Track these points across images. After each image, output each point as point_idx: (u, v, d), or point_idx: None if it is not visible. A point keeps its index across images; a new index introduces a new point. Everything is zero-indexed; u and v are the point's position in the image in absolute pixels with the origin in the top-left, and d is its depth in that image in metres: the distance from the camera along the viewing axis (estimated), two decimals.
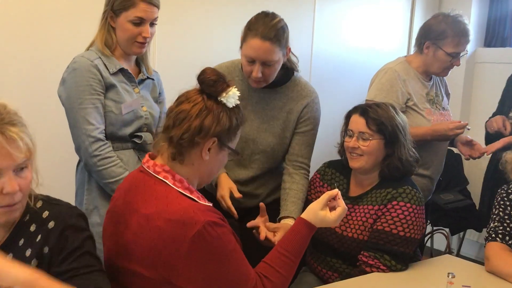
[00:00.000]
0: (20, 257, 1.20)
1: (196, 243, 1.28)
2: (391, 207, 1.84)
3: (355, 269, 1.85)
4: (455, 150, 2.74)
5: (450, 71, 2.44)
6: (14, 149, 1.10)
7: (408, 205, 1.83)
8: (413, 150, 1.94)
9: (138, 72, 2.01)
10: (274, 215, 1.96)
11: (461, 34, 2.32)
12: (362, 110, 1.91)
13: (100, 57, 1.87)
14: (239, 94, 1.43)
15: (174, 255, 1.28)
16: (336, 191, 1.51)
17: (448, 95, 2.61)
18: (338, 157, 2.09)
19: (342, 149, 2.01)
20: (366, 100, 2.38)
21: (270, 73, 1.92)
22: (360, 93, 2.56)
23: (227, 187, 1.91)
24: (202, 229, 1.28)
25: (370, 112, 1.89)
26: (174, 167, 1.41)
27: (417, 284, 1.76)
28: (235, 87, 1.42)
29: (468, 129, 2.36)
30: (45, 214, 1.24)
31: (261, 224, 1.79)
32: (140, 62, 2.02)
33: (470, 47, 2.43)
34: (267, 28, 1.85)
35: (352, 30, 3.56)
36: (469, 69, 3.82)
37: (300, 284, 2.00)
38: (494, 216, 1.87)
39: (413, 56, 2.48)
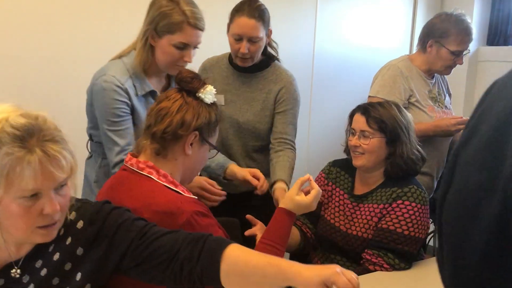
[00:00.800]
0: (49, 263, 1.16)
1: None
2: (396, 206, 1.85)
3: (358, 267, 1.86)
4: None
5: (452, 70, 2.46)
6: (57, 168, 1.04)
7: (413, 204, 1.84)
8: (418, 149, 1.95)
9: (167, 85, 1.99)
10: (266, 201, 2.05)
11: (464, 33, 2.34)
12: (364, 109, 1.93)
13: (131, 77, 1.83)
14: (215, 92, 1.48)
15: None
16: (307, 176, 1.55)
17: (450, 95, 2.61)
18: (342, 156, 2.09)
19: (347, 148, 2.02)
20: (369, 96, 2.41)
21: (256, 50, 2.08)
22: (363, 92, 2.57)
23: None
24: (190, 218, 1.32)
25: (371, 111, 1.90)
26: (157, 163, 1.44)
27: (419, 283, 1.76)
28: (211, 85, 1.48)
29: None
30: (73, 215, 1.19)
31: (257, 232, 1.81)
32: (171, 77, 1.99)
33: (472, 46, 2.45)
34: (252, 8, 2.06)
35: (354, 29, 3.56)
36: (471, 68, 3.82)
37: None
38: None
39: (416, 54, 2.49)
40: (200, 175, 2.00)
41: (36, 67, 2.42)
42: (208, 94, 1.46)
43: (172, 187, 1.41)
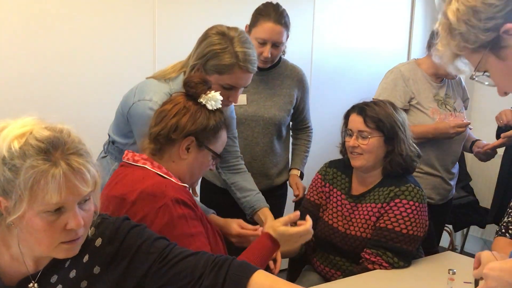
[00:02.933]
0: (64, 279, 1.14)
1: (160, 216, 1.33)
2: (394, 205, 1.85)
3: (358, 266, 1.86)
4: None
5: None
6: (81, 182, 1.01)
7: (411, 202, 1.84)
8: (414, 145, 1.96)
9: None
10: (281, 198, 2.37)
11: None
12: (360, 109, 1.93)
13: None
14: (222, 99, 1.48)
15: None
16: (297, 213, 1.56)
17: (466, 99, 2.62)
18: (338, 157, 2.10)
19: (343, 149, 2.02)
20: (373, 98, 2.46)
21: (277, 53, 2.24)
22: (361, 93, 2.58)
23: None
24: (169, 203, 1.34)
25: (368, 110, 1.90)
26: (154, 160, 1.47)
27: (418, 281, 1.77)
28: (217, 92, 1.48)
29: (470, 128, 2.42)
30: (92, 231, 1.16)
31: None
32: None
33: None
34: (277, 14, 2.17)
35: (352, 31, 3.57)
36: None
37: (302, 282, 2.01)
38: (510, 210, 1.86)
39: (424, 58, 2.54)
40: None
41: (39, 66, 2.47)
42: (211, 100, 1.46)
43: (164, 176, 1.43)
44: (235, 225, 1.71)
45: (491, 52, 1.04)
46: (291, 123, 2.50)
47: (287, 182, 2.48)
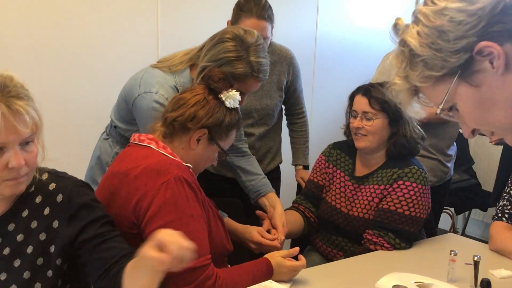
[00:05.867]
0: (24, 228, 1.21)
1: (162, 192, 1.34)
2: (397, 186, 1.86)
3: (360, 247, 1.88)
4: (460, 130, 2.75)
5: None
6: (20, 123, 1.08)
7: (414, 184, 1.85)
8: (418, 127, 1.95)
9: None
10: (276, 181, 2.34)
11: None
12: (365, 90, 1.92)
13: None
14: (240, 99, 1.50)
15: (143, 202, 1.34)
16: (297, 249, 1.59)
17: None
18: (343, 139, 2.10)
19: (348, 130, 2.02)
20: (370, 83, 2.43)
21: None
22: (365, 74, 2.58)
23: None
24: (172, 180, 1.35)
25: (373, 92, 1.90)
26: (162, 142, 1.49)
27: (419, 262, 1.78)
28: (237, 92, 1.50)
29: None
30: (52, 186, 1.24)
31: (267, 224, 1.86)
32: None
33: None
34: (259, 8, 2.07)
35: (357, 11, 3.54)
36: None
37: None
38: (505, 195, 1.88)
39: None
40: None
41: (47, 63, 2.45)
42: (231, 98, 1.49)
43: (169, 156, 1.45)
44: (256, 233, 1.76)
45: (462, 79, 0.88)
46: (283, 106, 2.47)
47: (279, 165, 2.49)
